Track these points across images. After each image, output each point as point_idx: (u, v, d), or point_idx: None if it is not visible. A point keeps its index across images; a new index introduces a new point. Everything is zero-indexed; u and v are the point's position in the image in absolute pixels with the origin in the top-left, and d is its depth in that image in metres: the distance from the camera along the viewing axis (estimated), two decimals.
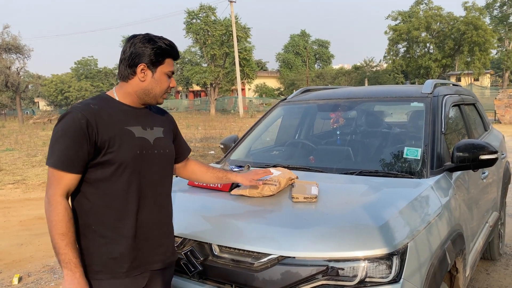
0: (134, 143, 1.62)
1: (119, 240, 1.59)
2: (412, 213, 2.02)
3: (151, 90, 1.65)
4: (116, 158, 1.56)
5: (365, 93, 3.48)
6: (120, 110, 1.64)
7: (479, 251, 2.95)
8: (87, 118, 1.53)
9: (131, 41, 1.62)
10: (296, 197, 2.12)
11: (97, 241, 1.58)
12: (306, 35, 59.16)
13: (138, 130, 1.65)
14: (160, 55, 1.62)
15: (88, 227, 1.58)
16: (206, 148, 12.50)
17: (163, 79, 1.66)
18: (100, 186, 1.57)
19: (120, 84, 1.68)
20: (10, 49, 31.46)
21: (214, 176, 2.08)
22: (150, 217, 1.67)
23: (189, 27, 34.04)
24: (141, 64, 1.60)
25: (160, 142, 1.72)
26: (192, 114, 36.32)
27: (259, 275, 1.77)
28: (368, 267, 1.70)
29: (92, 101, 1.61)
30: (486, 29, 32.37)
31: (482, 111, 4.18)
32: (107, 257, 1.58)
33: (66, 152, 1.50)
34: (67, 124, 1.52)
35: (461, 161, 2.48)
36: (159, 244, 1.71)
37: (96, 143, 1.54)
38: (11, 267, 4.33)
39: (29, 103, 62.37)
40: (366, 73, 45.76)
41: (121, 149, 1.57)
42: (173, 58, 1.68)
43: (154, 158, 1.68)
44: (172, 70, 1.69)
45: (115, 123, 1.59)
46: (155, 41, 1.61)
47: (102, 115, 1.57)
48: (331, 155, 3.11)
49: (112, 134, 1.57)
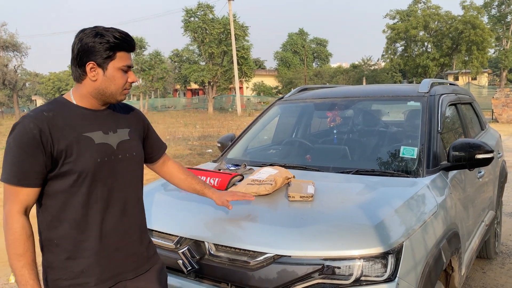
0: (93, 150, 1.49)
1: (83, 253, 1.51)
2: (407, 212, 2.03)
3: (106, 90, 1.50)
4: (75, 168, 1.45)
5: (362, 92, 3.48)
6: (77, 115, 1.51)
7: (475, 250, 2.96)
8: (39, 128, 1.40)
9: (79, 36, 1.46)
10: (292, 196, 2.12)
11: (61, 255, 1.50)
12: (304, 34, 59.13)
13: (98, 135, 1.52)
14: (109, 50, 1.46)
15: (50, 241, 1.50)
16: (204, 146, 12.49)
17: (117, 76, 1.50)
18: (59, 198, 1.48)
19: (75, 85, 1.54)
20: (7, 47, 31.38)
21: (190, 187, 1.95)
22: (117, 226, 1.57)
23: (187, 26, 33.97)
24: (89, 63, 1.46)
25: (125, 145, 1.60)
26: (190, 112, 36.28)
27: (255, 274, 1.77)
28: (364, 266, 1.71)
29: (47, 107, 1.48)
30: (484, 28, 32.40)
31: (478, 110, 4.19)
32: (73, 271, 1.50)
33: (20, 166, 1.40)
34: (18, 135, 1.41)
35: (457, 160, 2.49)
36: (131, 253, 1.62)
37: (52, 153, 1.42)
38: (7, 265, 4.32)
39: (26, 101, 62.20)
40: (364, 72, 45.80)
41: (79, 158, 1.46)
42: (126, 50, 1.51)
43: (119, 164, 1.57)
44: (127, 64, 1.51)
45: (72, 130, 1.47)
46: (102, 34, 1.45)
47: (57, 122, 1.45)
48: (327, 154, 3.12)
49: (69, 143, 1.45)
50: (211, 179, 2.43)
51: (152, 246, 1.76)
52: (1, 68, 30.01)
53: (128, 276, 1.62)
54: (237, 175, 2.49)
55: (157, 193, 2.49)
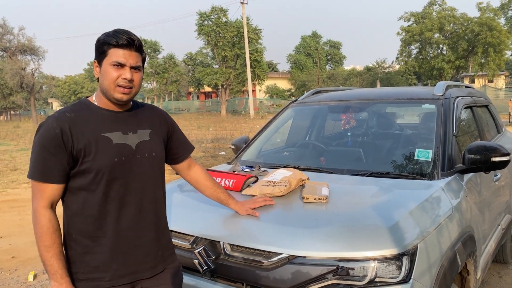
0: (111, 150, 1.55)
1: (99, 248, 1.57)
2: (422, 214, 2.02)
3: (102, 86, 1.56)
4: (93, 167, 1.52)
5: (376, 94, 3.48)
6: (98, 116, 1.58)
7: (491, 254, 2.93)
8: (61, 127, 1.49)
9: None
10: (307, 197, 2.14)
11: (78, 250, 1.57)
12: (318, 36, 59.05)
13: (117, 136, 1.58)
14: (101, 48, 1.53)
15: (70, 236, 1.58)
16: (217, 148, 12.56)
17: (108, 71, 1.52)
18: (79, 194, 1.55)
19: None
20: (25, 50, 32.05)
21: (215, 195, 2.03)
22: (133, 225, 1.61)
23: (201, 29, 34.24)
24: (94, 61, 1.58)
25: (145, 145, 1.64)
26: (203, 115, 36.47)
27: (270, 274, 1.79)
28: (378, 267, 1.71)
29: (70, 109, 1.58)
30: (500, 30, 31.95)
31: (495, 113, 4.15)
32: (90, 265, 1.57)
33: (44, 163, 1.50)
34: (43, 134, 1.51)
35: (472, 163, 2.48)
36: (148, 252, 1.66)
37: (72, 152, 1.51)
38: (27, 264, 4.42)
39: (43, 103, 63.30)
40: (378, 74, 45.50)
41: (97, 157, 1.52)
42: (117, 47, 1.51)
43: (137, 163, 1.61)
44: (119, 60, 1.51)
45: (91, 131, 1.54)
46: (100, 36, 1.55)
47: (78, 122, 1.53)
48: (342, 156, 3.12)
49: (88, 142, 1.52)
50: (226, 180, 2.46)
51: (171, 246, 1.79)
52: (19, 71, 30.61)
53: (145, 275, 1.65)
54: (252, 177, 2.52)
55: (174, 194, 2.52)
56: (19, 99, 37.22)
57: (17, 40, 31.86)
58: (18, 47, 31.75)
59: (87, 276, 1.57)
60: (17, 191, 8.15)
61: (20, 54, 32.27)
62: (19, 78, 30.59)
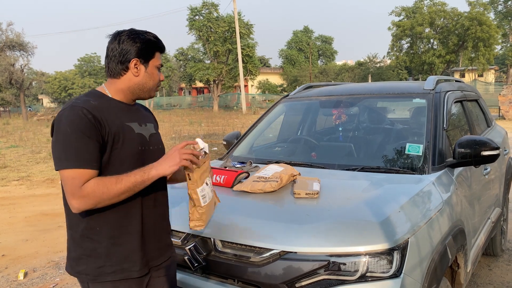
0: (135, 138, 1.60)
1: (128, 238, 1.57)
2: (413, 209, 2.03)
3: (145, 85, 1.65)
4: (121, 154, 1.54)
5: (367, 89, 3.48)
6: (115, 106, 1.61)
7: (481, 247, 2.96)
8: (92, 114, 1.48)
9: (118, 37, 1.59)
10: (298, 193, 2.13)
11: (104, 241, 1.55)
12: (309, 31, 59.01)
13: (136, 126, 1.64)
14: (150, 49, 1.62)
15: (93, 229, 1.54)
16: (209, 144, 12.52)
17: (155, 73, 1.66)
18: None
19: (110, 80, 1.64)
20: (14, 46, 31.59)
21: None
22: (151, 213, 1.66)
23: (192, 24, 34.00)
24: (134, 59, 1.59)
25: (154, 138, 1.73)
26: (195, 110, 36.34)
27: (261, 270, 1.79)
28: (369, 262, 1.72)
29: (89, 97, 1.57)
30: (490, 24, 32.15)
31: (485, 107, 4.17)
32: (118, 256, 1.56)
33: (85, 149, 1.44)
34: (75, 121, 1.45)
35: (462, 157, 2.49)
36: (159, 239, 1.71)
37: (104, 138, 1.50)
38: (17, 262, 4.38)
39: (33, 100, 62.60)
40: (370, 69, 45.65)
41: (124, 145, 1.55)
42: (160, 51, 1.68)
43: (151, 154, 1.66)
44: (161, 63, 1.70)
45: (116, 119, 1.56)
46: (144, 35, 1.61)
47: (103, 110, 1.54)
48: (333, 151, 3.13)
49: (117, 129, 1.54)
50: (217, 177, 2.45)
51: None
52: (8, 67, 30.20)
53: (156, 263, 1.70)
54: (243, 173, 2.51)
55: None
56: (8, 95, 36.72)
57: (5, 35, 31.38)
58: (6, 43, 31.26)
59: (114, 269, 1.56)
60: (7, 189, 8.06)
61: (8, 50, 31.79)
62: (8, 74, 30.18)
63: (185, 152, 1.54)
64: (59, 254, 4.56)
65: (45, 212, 6.31)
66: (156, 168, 1.51)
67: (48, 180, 8.67)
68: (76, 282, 3.81)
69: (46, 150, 12.77)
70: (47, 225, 5.65)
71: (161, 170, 1.51)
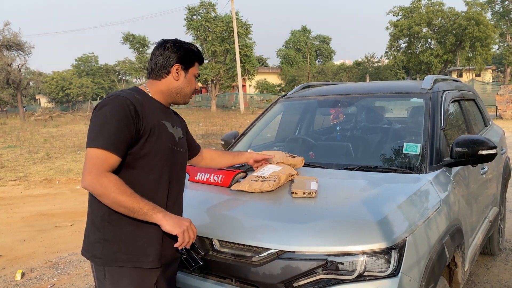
0: (168, 136, 1.72)
1: (148, 228, 1.62)
2: (411, 208, 2.03)
3: (183, 90, 1.79)
4: (154, 147, 1.64)
5: (365, 89, 3.48)
6: (154, 104, 1.73)
7: (478, 246, 2.97)
8: (134, 105, 1.59)
9: (164, 45, 1.75)
10: (296, 192, 2.13)
11: (123, 228, 1.61)
12: (307, 31, 58.96)
13: (169, 125, 1.76)
14: (191, 58, 1.77)
15: (114, 214, 1.59)
16: (207, 144, 12.51)
17: (192, 80, 1.81)
18: (131, 174, 1.62)
19: (151, 81, 1.78)
20: (11, 46, 31.46)
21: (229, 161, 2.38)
22: (173, 207, 1.76)
23: (190, 24, 33.94)
24: (176, 65, 1.74)
25: (182, 141, 1.84)
26: (193, 110, 36.30)
27: (259, 269, 1.79)
28: (367, 261, 1.72)
29: (134, 92, 1.69)
30: (487, 24, 32.21)
31: (482, 107, 4.18)
32: (134, 244, 1.62)
33: (117, 134, 1.54)
34: (117, 107, 1.56)
35: (460, 156, 2.49)
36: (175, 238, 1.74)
37: (139, 130, 1.60)
38: (14, 263, 4.36)
39: (30, 100, 62.36)
40: (368, 69, 45.68)
41: (158, 140, 1.66)
42: (199, 62, 1.83)
43: (177, 155, 1.78)
44: (199, 72, 1.84)
45: (154, 115, 1.68)
46: (188, 45, 1.78)
47: (144, 105, 1.66)
48: (331, 151, 3.13)
49: (153, 124, 1.65)
50: (215, 176, 2.45)
51: None
52: (5, 67, 30.08)
53: (170, 261, 1.77)
54: (241, 172, 2.50)
55: None
56: (5, 95, 36.58)
57: (2, 35, 31.24)
58: (3, 43, 31.11)
59: (128, 257, 1.62)
60: (4, 189, 8.03)
61: (5, 50, 31.64)
62: (5, 74, 30.05)
63: (191, 232, 1.63)
64: (57, 255, 4.55)
65: (42, 212, 6.29)
66: (164, 217, 1.57)
67: (46, 180, 8.64)
68: (74, 282, 3.80)
69: (44, 150, 12.74)
70: (44, 225, 5.64)
71: (164, 222, 1.56)
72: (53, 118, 29.49)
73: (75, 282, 3.83)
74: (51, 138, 16.29)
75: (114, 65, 59.32)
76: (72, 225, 5.61)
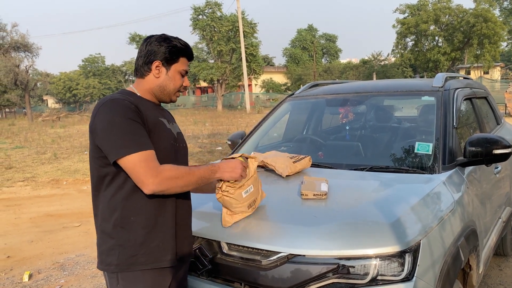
0: (168, 133, 1.69)
1: (161, 227, 1.61)
2: (424, 209, 1.98)
3: (165, 87, 1.71)
4: (157, 144, 1.60)
5: (374, 87, 3.42)
6: (147, 103, 1.68)
7: (492, 247, 2.90)
8: (134, 104, 1.57)
9: (148, 40, 1.69)
10: (306, 194, 2.08)
11: (138, 230, 1.58)
12: (313, 30, 58.75)
13: (166, 122, 1.72)
14: (174, 54, 1.68)
15: (126, 218, 1.58)
16: (214, 144, 12.49)
17: (176, 77, 1.72)
18: None
19: (137, 81, 1.73)
20: (18, 47, 31.70)
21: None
22: (184, 205, 1.73)
23: (196, 24, 33.96)
24: (156, 61, 1.66)
25: (180, 136, 1.81)
26: (199, 110, 36.34)
27: (269, 273, 1.74)
28: (380, 265, 1.67)
29: (123, 94, 1.65)
30: (495, 21, 31.87)
31: (494, 105, 4.10)
32: (150, 246, 1.59)
33: (140, 132, 1.53)
34: (122, 111, 1.53)
35: (473, 155, 2.43)
36: (188, 233, 1.77)
37: (145, 126, 1.58)
38: (22, 264, 4.36)
39: (38, 100, 62.83)
40: (374, 67, 45.39)
41: (160, 137, 1.63)
42: (187, 57, 1.73)
43: (178, 151, 1.74)
44: (186, 69, 1.74)
45: (151, 113, 1.64)
46: (170, 40, 1.68)
47: (139, 105, 1.61)
48: (340, 150, 3.07)
49: (153, 122, 1.62)
50: None
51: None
52: (13, 68, 30.28)
53: (187, 260, 1.77)
54: None
55: None
56: (13, 96, 36.90)
57: (10, 37, 31.49)
58: (11, 44, 31.37)
59: (146, 259, 1.59)
60: (12, 190, 8.06)
61: (13, 51, 31.89)
62: (13, 76, 30.24)
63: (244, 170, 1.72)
64: (64, 256, 4.54)
65: (50, 213, 6.30)
66: (220, 172, 1.67)
67: (53, 181, 8.67)
68: (81, 283, 3.79)
69: (51, 150, 12.80)
70: (52, 226, 5.64)
71: (222, 175, 1.68)
72: (61, 119, 29.66)
73: (82, 283, 3.81)
74: (59, 138, 16.37)
75: (120, 65, 59.60)
76: (79, 226, 5.61)
